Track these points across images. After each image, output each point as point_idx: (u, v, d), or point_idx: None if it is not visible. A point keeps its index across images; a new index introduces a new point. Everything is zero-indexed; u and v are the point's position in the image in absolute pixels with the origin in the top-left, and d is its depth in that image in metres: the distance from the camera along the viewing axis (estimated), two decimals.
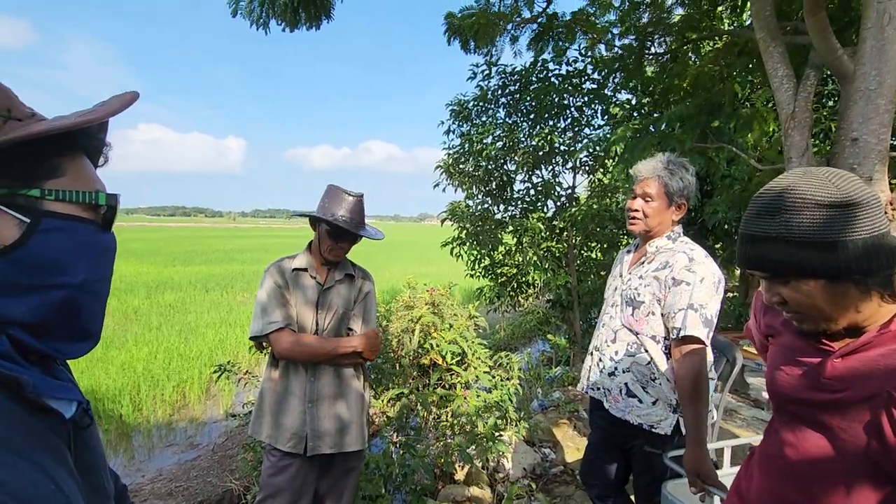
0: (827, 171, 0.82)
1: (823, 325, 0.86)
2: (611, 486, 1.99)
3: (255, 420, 1.90)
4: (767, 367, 1.05)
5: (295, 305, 1.86)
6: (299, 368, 1.86)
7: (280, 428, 1.84)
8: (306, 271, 1.90)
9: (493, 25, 4.85)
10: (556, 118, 5.36)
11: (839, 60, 2.29)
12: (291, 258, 1.93)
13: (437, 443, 2.94)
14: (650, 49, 4.45)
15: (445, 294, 3.64)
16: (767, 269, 0.86)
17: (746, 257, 0.88)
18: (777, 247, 0.82)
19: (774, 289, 0.87)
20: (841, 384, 0.86)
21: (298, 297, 1.87)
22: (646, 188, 1.75)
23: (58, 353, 0.59)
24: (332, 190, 1.86)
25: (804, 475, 0.90)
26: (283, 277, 1.86)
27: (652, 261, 1.78)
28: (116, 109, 0.59)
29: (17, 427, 0.50)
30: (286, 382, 1.86)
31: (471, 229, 5.71)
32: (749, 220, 0.87)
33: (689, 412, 1.60)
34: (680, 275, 1.67)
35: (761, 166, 3.40)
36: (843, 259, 0.77)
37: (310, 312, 1.87)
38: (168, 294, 10.99)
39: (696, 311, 1.62)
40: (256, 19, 4.50)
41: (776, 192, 0.84)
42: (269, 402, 1.87)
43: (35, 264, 0.54)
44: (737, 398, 4.66)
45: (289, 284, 1.87)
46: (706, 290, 1.64)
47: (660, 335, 1.74)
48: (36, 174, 0.56)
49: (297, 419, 1.84)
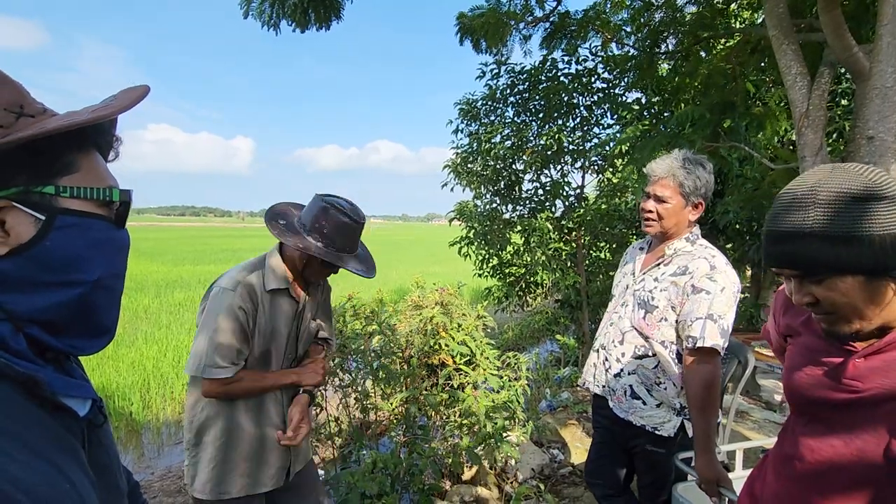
0: (857, 165, 0.80)
1: (857, 324, 0.83)
2: (616, 486, 1.98)
3: (219, 477, 1.48)
4: (785, 367, 1.03)
5: (264, 333, 1.51)
6: (273, 368, 1.56)
7: (264, 468, 1.54)
8: (286, 291, 1.56)
9: (504, 25, 4.83)
10: (566, 117, 5.33)
11: (854, 58, 2.26)
12: (257, 272, 1.53)
13: (444, 443, 2.93)
14: (662, 47, 4.41)
15: (454, 294, 3.64)
16: (800, 267, 0.82)
17: (775, 256, 0.84)
18: (811, 243, 0.78)
19: (806, 288, 0.84)
20: (862, 384, 0.84)
21: (273, 321, 1.53)
22: (660, 188, 1.69)
23: (74, 350, 0.59)
24: (331, 213, 1.48)
25: (822, 477, 0.89)
26: (251, 301, 1.47)
27: (669, 263, 1.73)
28: (129, 104, 0.58)
29: (33, 425, 0.50)
30: (261, 415, 1.54)
31: (479, 229, 5.69)
32: (777, 216, 0.84)
33: (700, 421, 1.58)
34: (700, 283, 1.62)
35: (774, 165, 3.36)
36: (881, 253, 0.74)
37: (284, 337, 1.57)
38: (178, 293, 11.08)
39: (714, 321, 1.58)
40: (267, 20, 4.52)
41: (808, 186, 0.81)
42: (243, 448, 1.51)
43: (51, 261, 0.54)
44: (748, 400, 4.61)
45: (259, 308, 1.49)
46: (726, 300, 1.60)
47: (669, 340, 1.70)
48: (50, 171, 0.55)
49: (282, 449, 1.58)
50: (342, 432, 3.23)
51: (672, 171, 1.67)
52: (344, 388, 3.10)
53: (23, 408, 0.50)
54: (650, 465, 1.81)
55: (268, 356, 1.54)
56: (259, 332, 1.50)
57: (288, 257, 1.57)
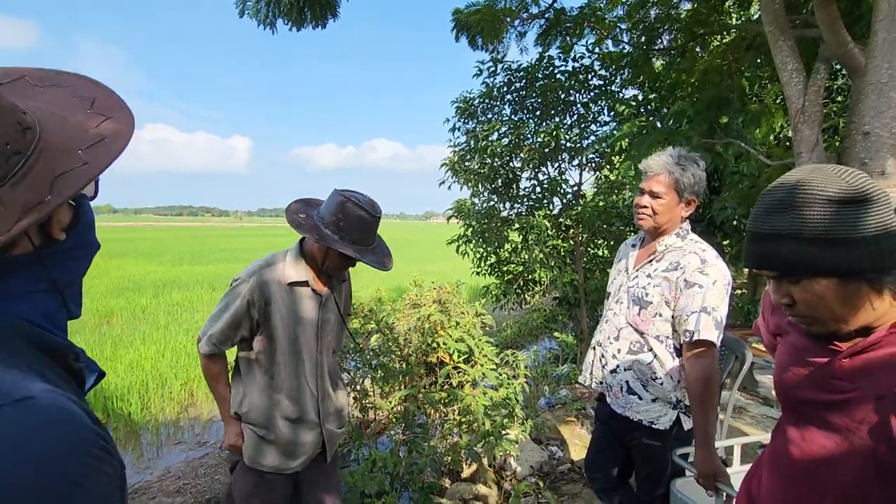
0: (836, 167, 0.80)
1: (833, 326, 0.84)
2: (614, 480, 2.00)
3: (256, 448, 1.64)
4: (775, 366, 1.04)
5: (287, 324, 1.59)
6: (302, 379, 1.63)
7: (297, 448, 1.65)
8: (307, 284, 1.61)
9: (500, 21, 4.83)
10: (563, 115, 5.33)
11: (850, 54, 2.26)
12: (278, 265, 1.60)
13: (443, 441, 2.94)
14: (658, 44, 4.41)
15: (452, 292, 3.64)
16: (777, 268, 0.84)
17: (755, 256, 0.86)
18: (787, 244, 0.79)
19: (784, 289, 0.85)
20: (849, 384, 0.84)
21: (296, 312, 1.60)
22: (655, 184, 1.72)
23: (73, 316, 0.67)
24: (348, 207, 1.53)
25: (813, 476, 0.89)
26: (262, 295, 1.55)
27: (661, 259, 1.76)
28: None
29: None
30: (299, 397, 1.64)
31: (477, 227, 5.69)
32: (757, 217, 0.85)
33: (700, 414, 1.60)
34: (692, 277, 1.65)
35: (770, 162, 3.37)
36: (856, 256, 0.75)
37: (312, 332, 1.63)
38: (175, 293, 11.05)
39: (708, 314, 1.61)
40: (263, 19, 4.51)
41: (786, 188, 0.81)
42: (280, 429, 1.62)
43: (83, 232, 0.65)
44: (746, 396, 4.62)
45: (275, 301, 1.56)
46: (718, 293, 1.63)
47: (664, 335, 1.73)
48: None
49: (315, 433, 1.68)
50: None
51: (667, 167, 1.70)
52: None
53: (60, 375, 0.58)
54: (646, 458, 1.84)
55: (297, 345, 1.61)
56: (281, 322, 1.58)
57: (308, 251, 1.63)
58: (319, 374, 1.68)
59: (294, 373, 1.62)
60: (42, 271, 0.59)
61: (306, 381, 1.65)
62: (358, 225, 1.53)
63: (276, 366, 1.61)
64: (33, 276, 0.58)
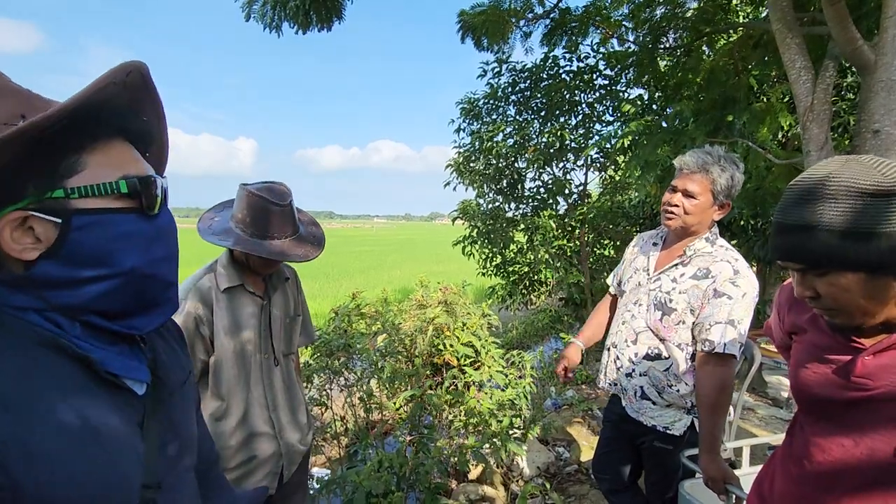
0: (871, 158, 0.77)
1: (860, 319, 0.81)
2: (622, 481, 1.97)
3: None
4: (791, 365, 1.02)
5: (230, 332, 1.46)
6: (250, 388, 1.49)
7: (254, 461, 1.48)
8: (242, 287, 1.49)
9: (505, 22, 4.83)
10: (567, 115, 5.32)
11: (859, 51, 2.24)
12: (210, 272, 1.49)
13: (450, 441, 2.93)
14: (664, 43, 4.39)
15: (458, 293, 3.63)
16: (803, 261, 0.81)
17: (782, 248, 0.83)
18: (816, 236, 0.77)
19: (808, 282, 0.82)
20: (872, 382, 0.82)
21: (236, 319, 1.48)
22: (691, 183, 1.60)
23: (133, 330, 0.63)
24: (249, 200, 1.40)
25: (832, 477, 0.87)
26: (205, 304, 1.44)
27: (688, 264, 1.67)
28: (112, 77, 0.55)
29: (81, 394, 0.56)
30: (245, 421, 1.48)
31: (482, 228, 5.69)
32: (785, 208, 0.82)
33: (709, 422, 1.55)
34: (723, 287, 1.57)
35: (778, 160, 3.34)
36: (886, 251, 0.72)
37: (253, 336, 1.51)
38: None
39: (734, 326, 1.55)
40: (269, 23, 4.53)
41: (816, 179, 0.78)
42: (233, 449, 1.46)
43: (81, 258, 0.57)
44: (755, 397, 4.58)
45: (214, 310, 1.45)
46: (745, 306, 1.57)
47: (686, 343, 1.67)
48: (56, 175, 0.55)
49: (273, 444, 1.52)
50: (348, 431, 3.23)
51: (706, 166, 1.58)
52: (349, 388, 3.10)
53: (80, 383, 0.57)
54: (658, 461, 1.80)
55: (243, 354, 1.49)
56: (224, 331, 1.46)
57: (236, 254, 1.50)
58: (267, 382, 1.55)
59: (243, 383, 1.49)
60: (35, 292, 0.56)
61: (253, 389, 1.52)
62: (264, 217, 1.40)
63: (222, 384, 1.47)
64: (30, 296, 0.56)
